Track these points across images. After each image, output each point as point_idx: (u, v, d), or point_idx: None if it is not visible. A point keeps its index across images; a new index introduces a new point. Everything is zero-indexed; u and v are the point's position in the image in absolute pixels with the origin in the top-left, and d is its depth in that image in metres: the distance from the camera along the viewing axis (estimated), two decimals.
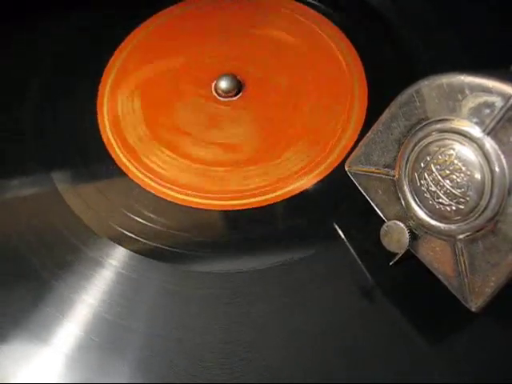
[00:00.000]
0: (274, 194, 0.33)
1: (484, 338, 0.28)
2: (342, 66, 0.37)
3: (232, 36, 0.39)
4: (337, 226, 0.32)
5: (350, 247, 0.31)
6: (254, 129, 0.35)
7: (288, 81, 0.37)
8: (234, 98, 0.36)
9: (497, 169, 0.24)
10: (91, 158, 0.35)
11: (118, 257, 0.31)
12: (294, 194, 0.33)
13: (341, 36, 0.38)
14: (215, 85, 0.36)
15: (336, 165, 0.33)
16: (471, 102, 0.25)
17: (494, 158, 0.25)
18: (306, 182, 0.33)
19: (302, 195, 0.33)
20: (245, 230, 0.32)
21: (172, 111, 0.36)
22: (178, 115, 0.36)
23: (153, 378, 0.28)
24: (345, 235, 0.31)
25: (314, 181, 0.33)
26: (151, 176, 0.34)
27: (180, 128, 0.35)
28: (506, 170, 0.24)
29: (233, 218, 0.33)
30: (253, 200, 0.33)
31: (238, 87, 0.36)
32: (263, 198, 0.33)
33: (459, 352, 0.28)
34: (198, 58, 0.38)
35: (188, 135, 0.35)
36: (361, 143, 0.30)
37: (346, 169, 0.31)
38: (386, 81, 0.36)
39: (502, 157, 0.24)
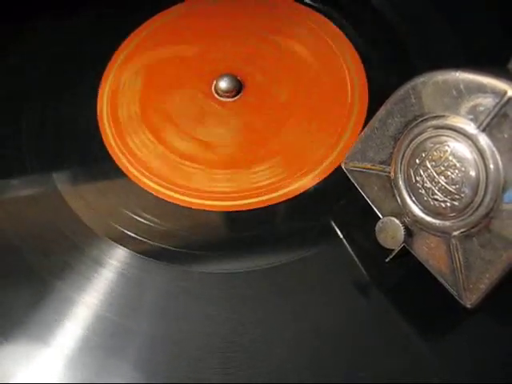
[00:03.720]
0: (274, 194, 0.33)
1: (479, 335, 0.28)
2: (341, 65, 0.37)
3: (234, 36, 0.39)
4: (335, 226, 0.32)
5: (348, 246, 0.31)
6: (253, 128, 0.35)
7: (288, 81, 0.37)
8: (234, 98, 0.36)
9: (491, 165, 0.25)
10: (91, 159, 0.35)
11: (118, 257, 0.31)
12: (293, 194, 0.33)
13: (341, 36, 0.38)
14: (215, 84, 0.36)
15: (335, 165, 0.33)
16: (466, 99, 0.25)
17: (488, 154, 0.25)
18: (305, 183, 0.33)
19: (301, 195, 0.33)
20: (244, 230, 0.32)
21: (172, 111, 0.36)
22: (177, 115, 0.36)
23: (153, 378, 0.28)
24: (342, 234, 0.31)
25: (314, 181, 0.33)
26: (151, 177, 0.34)
27: (180, 128, 0.35)
28: (501, 167, 0.24)
29: (233, 218, 0.33)
30: (252, 200, 0.33)
31: (238, 87, 0.36)
32: (263, 198, 0.33)
33: (454, 349, 0.28)
34: (200, 57, 0.38)
35: (187, 135, 0.35)
36: (357, 140, 0.30)
37: (343, 165, 0.31)
38: (386, 80, 0.36)
39: (497, 153, 0.24)
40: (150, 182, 0.34)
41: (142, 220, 0.33)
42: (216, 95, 0.36)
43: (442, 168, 0.26)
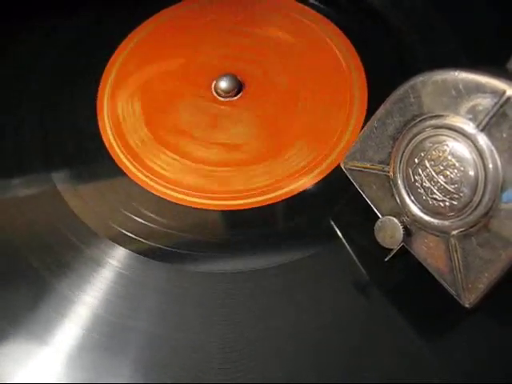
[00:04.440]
0: (273, 194, 0.33)
1: (479, 335, 0.28)
2: (341, 65, 0.37)
3: (232, 36, 0.39)
4: (334, 225, 0.32)
5: (347, 246, 0.31)
6: (254, 129, 0.35)
7: (288, 80, 0.37)
8: (234, 98, 0.36)
9: (490, 165, 0.25)
10: (91, 158, 0.35)
11: (117, 257, 0.31)
12: (293, 193, 0.33)
13: (340, 35, 0.38)
14: (215, 85, 0.36)
15: (334, 165, 0.33)
16: (465, 99, 0.25)
17: (487, 154, 0.25)
18: (306, 182, 0.33)
19: (301, 195, 0.33)
20: (244, 230, 0.32)
21: (172, 112, 0.36)
22: (178, 116, 0.36)
23: (152, 378, 0.28)
24: (342, 234, 0.31)
25: (314, 180, 0.33)
26: (151, 176, 0.34)
27: (180, 128, 0.35)
28: (499, 167, 0.24)
29: (232, 218, 0.33)
30: (252, 200, 0.33)
31: (238, 87, 0.36)
32: (263, 198, 0.33)
33: (454, 349, 0.28)
34: (198, 57, 0.38)
35: (188, 136, 0.35)
36: (356, 139, 0.30)
37: (342, 165, 0.31)
38: (386, 80, 0.35)
39: (496, 153, 0.24)
40: (151, 182, 0.34)
41: (142, 220, 0.33)
42: (217, 96, 0.36)
43: (441, 167, 0.26)
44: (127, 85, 0.38)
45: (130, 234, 0.32)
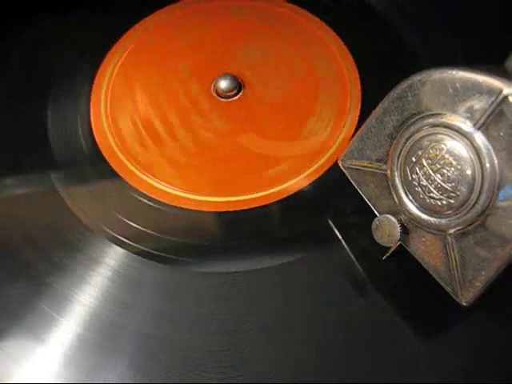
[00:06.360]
0: (270, 193, 0.33)
1: (479, 335, 0.28)
2: (338, 65, 0.37)
3: (232, 36, 0.39)
4: (332, 224, 0.32)
5: (345, 244, 0.31)
6: (253, 128, 0.35)
7: (286, 81, 0.37)
8: (234, 98, 0.36)
9: (487, 164, 0.25)
10: (89, 159, 0.35)
11: (115, 256, 0.31)
12: (290, 192, 0.33)
13: (339, 36, 0.38)
14: (215, 85, 0.37)
15: (331, 163, 0.33)
16: (463, 97, 0.25)
17: (484, 152, 0.25)
18: (303, 181, 0.33)
19: (299, 194, 0.33)
20: (241, 230, 0.32)
21: (171, 112, 0.36)
22: (177, 116, 0.36)
23: (149, 378, 0.28)
24: (340, 233, 0.31)
25: (311, 179, 0.33)
26: (148, 176, 0.34)
27: (179, 129, 0.36)
28: (496, 165, 0.24)
29: (229, 217, 0.33)
30: (248, 199, 0.33)
31: (238, 87, 0.36)
32: (259, 196, 0.33)
33: (453, 349, 0.28)
34: (198, 58, 0.38)
35: (187, 136, 0.35)
36: (354, 138, 0.30)
37: (340, 163, 0.31)
38: (382, 79, 0.36)
39: (493, 151, 0.25)
40: (148, 182, 0.34)
41: (139, 220, 0.33)
42: (217, 96, 0.37)
43: (438, 166, 0.26)
44: (125, 84, 0.38)
45: (127, 234, 0.32)
